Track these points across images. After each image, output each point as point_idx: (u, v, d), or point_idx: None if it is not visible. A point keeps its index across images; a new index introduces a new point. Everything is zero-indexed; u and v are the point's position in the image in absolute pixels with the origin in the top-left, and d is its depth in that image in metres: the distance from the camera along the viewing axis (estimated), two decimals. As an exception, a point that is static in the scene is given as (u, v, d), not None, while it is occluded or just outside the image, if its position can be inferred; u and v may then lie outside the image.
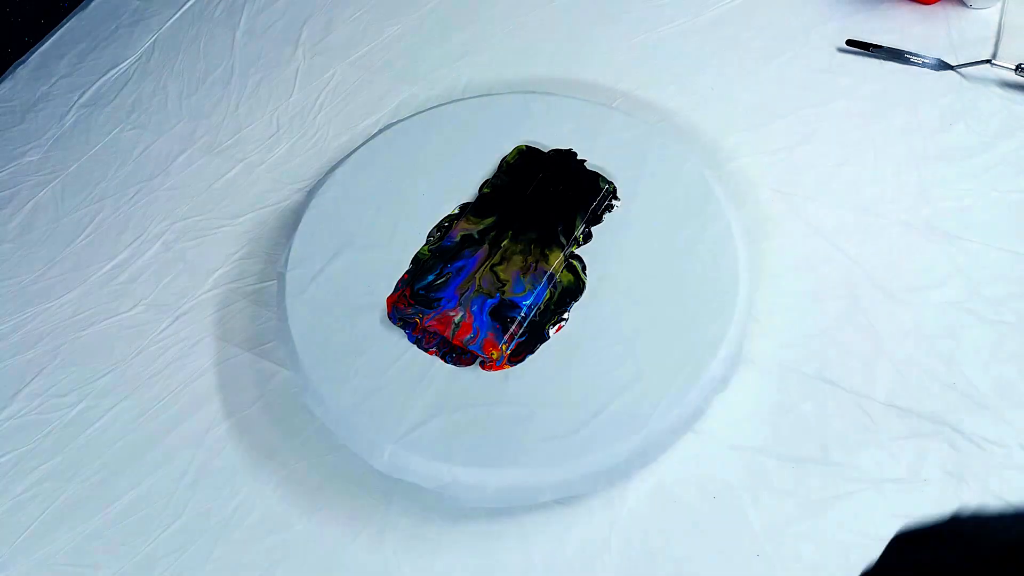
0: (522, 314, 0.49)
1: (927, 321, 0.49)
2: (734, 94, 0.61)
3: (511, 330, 0.48)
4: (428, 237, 0.54)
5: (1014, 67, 0.59)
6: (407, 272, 0.52)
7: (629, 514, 0.44)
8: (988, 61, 0.61)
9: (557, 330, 0.48)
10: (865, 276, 0.51)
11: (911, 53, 0.63)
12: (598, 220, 0.53)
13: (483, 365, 0.47)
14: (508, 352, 0.47)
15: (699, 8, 0.70)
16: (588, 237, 0.52)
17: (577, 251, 0.52)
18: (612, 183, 0.55)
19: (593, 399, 0.45)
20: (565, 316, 0.49)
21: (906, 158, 0.56)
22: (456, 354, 0.48)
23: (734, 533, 0.43)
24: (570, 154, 0.56)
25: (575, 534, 0.44)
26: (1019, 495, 0.42)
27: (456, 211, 0.55)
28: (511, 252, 0.52)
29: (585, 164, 0.56)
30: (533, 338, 0.48)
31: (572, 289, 0.50)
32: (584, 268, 0.51)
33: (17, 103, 0.74)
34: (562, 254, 0.51)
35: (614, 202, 0.54)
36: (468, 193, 0.56)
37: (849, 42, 0.65)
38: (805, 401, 0.47)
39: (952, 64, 0.61)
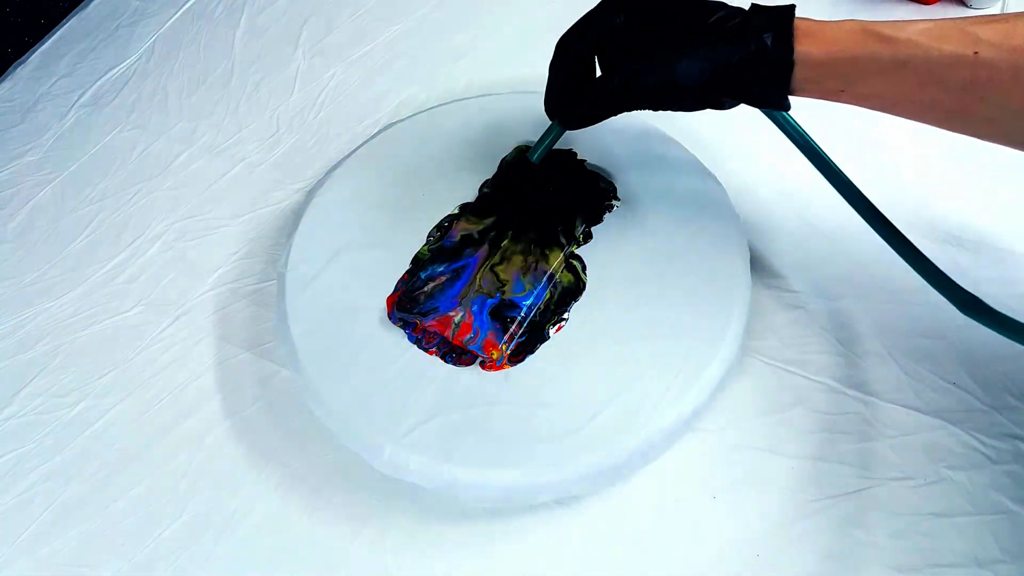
0: (522, 314, 0.49)
1: (927, 321, 0.49)
2: (734, 94, 0.61)
3: (511, 330, 0.48)
4: (428, 237, 0.54)
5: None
6: (407, 272, 0.52)
7: (629, 514, 0.44)
8: (988, 61, 0.61)
9: (557, 330, 0.48)
10: (865, 276, 0.52)
11: (911, 53, 0.63)
12: (598, 220, 0.53)
13: (483, 365, 0.47)
14: (508, 352, 0.47)
15: (699, 8, 0.70)
16: (588, 237, 0.52)
17: (577, 251, 0.52)
18: (612, 183, 0.55)
19: (593, 399, 0.45)
20: (565, 316, 0.49)
21: (907, 157, 0.56)
22: (456, 354, 0.48)
23: (734, 533, 0.43)
24: (570, 154, 0.56)
25: (575, 534, 0.44)
26: (1020, 492, 0.42)
27: (456, 211, 0.55)
28: (511, 252, 0.52)
29: (585, 164, 0.56)
30: (533, 338, 0.48)
31: (572, 289, 0.50)
32: (584, 268, 0.51)
33: (17, 103, 0.75)
34: (562, 254, 0.51)
35: (614, 202, 0.54)
36: (468, 193, 0.56)
37: (849, 42, 0.65)
38: (805, 401, 0.47)
39: (952, 64, 0.61)
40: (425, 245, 0.53)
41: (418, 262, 0.52)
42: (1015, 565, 0.40)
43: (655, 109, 0.44)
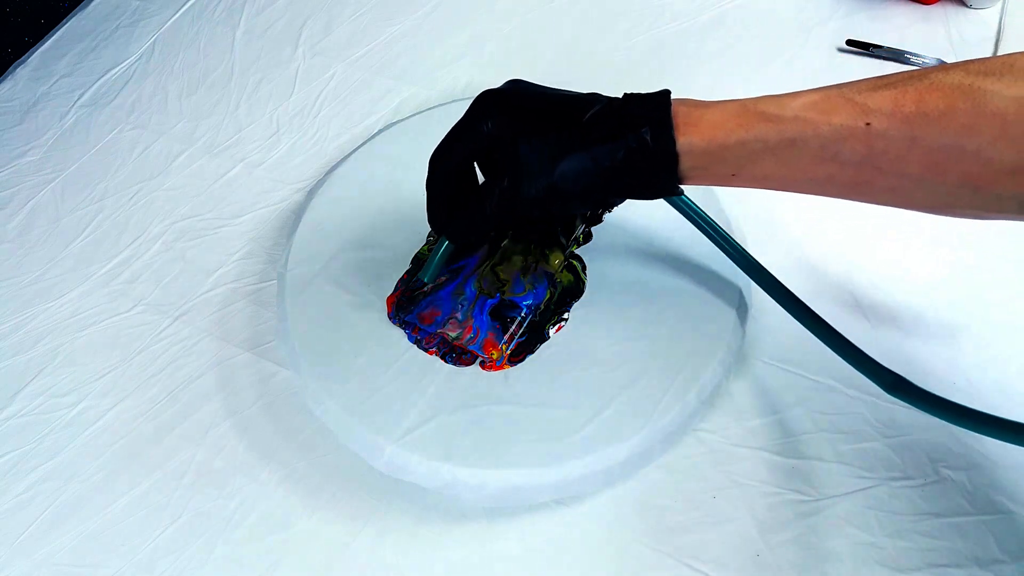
0: (522, 314, 0.49)
1: (927, 321, 0.49)
2: (734, 94, 0.61)
3: (511, 330, 0.48)
4: (428, 237, 0.54)
5: (1014, 67, 0.59)
6: (407, 272, 0.52)
7: (629, 514, 0.44)
8: (988, 61, 0.61)
9: (557, 330, 0.48)
10: (865, 276, 0.52)
11: (911, 53, 0.63)
12: (598, 220, 0.53)
13: (483, 365, 0.47)
14: (508, 352, 0.47)
15: (699, 8, 0.70)
16: (588, 237, 0.52)
17: (577, 251, 0.52)
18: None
19: (593, 399, 0.45)
20: (565, 316, 0.49)
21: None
22: (456, 354, 0.48)
23: (734, 533, 0.43)
24: None
25: (575, 534, 0.44)
26: (1020, 492, 0.42)
27: (456, 211, 0.55)
28: (511, 252, 0.52)
29: None
30: (533, 338, 0.48)
31: (572, 289, 0.50)
32: (584, 268, 0.51)
33: (17, 103, 0.75)
34: (562, 254, 0.51)
35: (614, 202, 0.54)
36: (468, 193, 0.55)
37: (849, 42, 0.65)
38: (805, 401, 0.47)
39: (952, 64, 0.61)
40: (425, 245, 0.53)
41: (418, 262, 0.52)
42: (1015, 565, 0.40)
43: (542, 215, 0.41)
